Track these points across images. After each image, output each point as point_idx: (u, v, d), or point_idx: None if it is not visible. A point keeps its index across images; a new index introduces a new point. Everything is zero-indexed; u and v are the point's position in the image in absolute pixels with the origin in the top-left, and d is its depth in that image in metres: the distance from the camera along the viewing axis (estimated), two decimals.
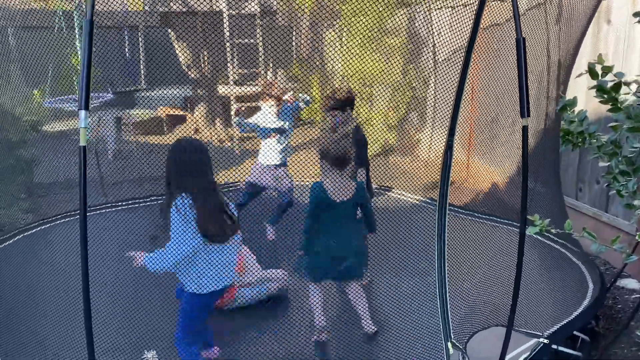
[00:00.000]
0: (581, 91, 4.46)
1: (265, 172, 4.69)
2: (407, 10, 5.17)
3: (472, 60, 3.43)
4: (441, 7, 4.18)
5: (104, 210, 5.49)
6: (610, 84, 2.60)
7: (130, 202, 5.73)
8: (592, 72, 2.59)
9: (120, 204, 5.74)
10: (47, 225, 5.14)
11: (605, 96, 2.67)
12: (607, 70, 2.55)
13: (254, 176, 4.73)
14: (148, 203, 5.83)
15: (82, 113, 1.87)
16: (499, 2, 3.51)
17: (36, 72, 4.81)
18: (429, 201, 4.93)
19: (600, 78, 2.56)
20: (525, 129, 2.28)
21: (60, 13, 5.62)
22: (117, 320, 3.56)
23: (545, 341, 3.11)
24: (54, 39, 5.12)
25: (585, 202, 5.14)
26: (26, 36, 4.64)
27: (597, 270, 4.23)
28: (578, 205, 5.18)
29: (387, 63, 5.46)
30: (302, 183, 4.88)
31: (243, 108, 4.34)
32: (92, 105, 1.85)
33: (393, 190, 5.81)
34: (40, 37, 4.67)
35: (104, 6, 3.06)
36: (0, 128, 4.75)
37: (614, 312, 4.18)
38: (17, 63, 4.70)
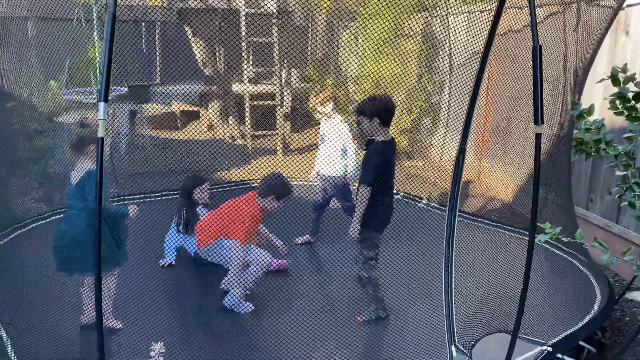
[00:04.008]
0: (596, 101, 4.43)
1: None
2: (425, 15, 5.17)
3: (488, 65, 3.44)
4: (458, 12, 4.18)
5: (115, 203, 5.53)
6: (631, 94, 2.59)
7: (142, 195, 5.78)
8: (614, 79, 2.58)
9: (132, 197, 5.78)
10: (61, 215, 5.19)
11: (621, 107, 2.67)
12: (630, 79, 2.54)
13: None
14: (160, 198, 5.89)
15: (102, 105, 1.90)
16: (516, 9, 3.51)
17: (54, 63, 4.86)
18: (438, 206, 4.93)
19: (622, 85, 2.56)
20: (538, 137, 2.28)
21: (80, 5, 5.68)
22: (128, 310, 3.61)
23: (550, 349, 3.10)
24: (73, 31, 5.18)
25: (596, 213, 5.11)
26: (45, 27, 4.69)
27: (605, 281, 4.21)
28: (588, 216, 5.15)
29: (402, 66, 5.47)
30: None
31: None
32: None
33: (400, 193, 5.81)
34: (59, 29, 4.72)
35: (124, 0, 3.10)
36: (18, 118, 4.81)
37: (621, 324, 4.15)
38: (36, 54, 4.76)
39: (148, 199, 5.76)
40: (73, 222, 3.32)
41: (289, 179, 4.10)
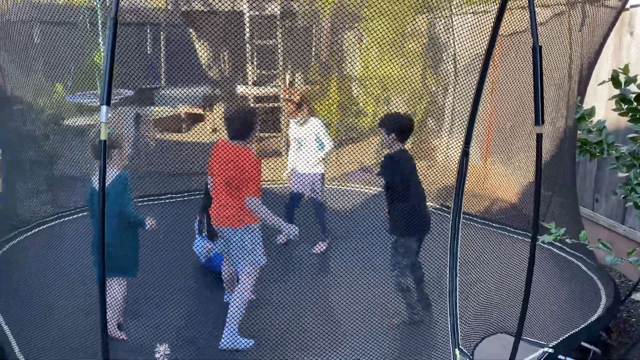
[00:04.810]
0: (601, 101, 4.42)
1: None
2: (429, 16, 5.17)
3: (494, 67, 3.43)
4: (463, 13, 4.18)
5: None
6: (633, 95, 2.58)
7: (146, 197, 5.80)
8: (615, 81, 2.57)
9: (136, 199, 5.80)
10: (67, 218, 5.23)
11: (625, 107, 2.66)
12: (631, 80, 2.53)
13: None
14: (164, 201, 5.91)
15: (104, 108, 1.92)
16: (521, 10, 3.50)
17: (59, 67, 4.90)
18: (444, 208, 4.92)
19: (623, 87, 2.55)
20: (539, 137, 2.28)
21: (85, 9, 5.71)
22: (132, 312, 3.63)
23: (551, 351, 3.10)
24: (78, 35, 5.21)
25: (601, 214, 5.09)
26: (51, 31, 4.73)
27: (611, 282, 4.19)
28: (594, 216, 5.13)
29: (406, 68, 5.46)
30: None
31: None
32: (112, 101, 1.90)
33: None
34: (64, 33, 4.75)
35: (128, 3, 3.12)
36: (24, 121, 4.84)
37: (627, 325, 4.13)
38: (41, 57, 4.79)
39: (152, 202, 5.79)
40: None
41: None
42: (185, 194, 6.04)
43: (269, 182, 6.38)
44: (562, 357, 3.13)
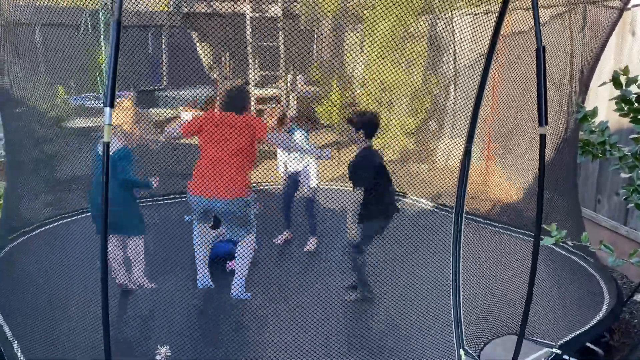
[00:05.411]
0: (602, 102, 4.42)
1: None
2: (430, 17, 5.17)
3: (495, 67, 3.43)
4: (463, 15, 4.18)
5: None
6: (634, 96, 2.59)
7: (148, 198, 5.80)
8: (616, 81, 2.57)
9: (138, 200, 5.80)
10: (69, 219, 5.24)
11: (626, 108, 2.66)
12: (632, 81, 2.53)
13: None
14: (165, 201, 5.92)
15: (107, 110, 1.92)
16: (522, 10, 3.50)
17: (61, 69, 4.91)
18: (446, 208, 4.92)
19: (624, 88, 2.55)
20: (542, 138, 2.28)
21: (87, 11, 5.71)
22: (134, 315, 3.62)
23: (558, 351, 3.09)
24: (80, 37, 5.21)
25: (603, 215, 5.08)
26: (52, 33, 4.73)
27: (614, 283, 4.19)
28: (596, 218, 5.13)
29: (407, 69, 5.46)
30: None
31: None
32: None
33: (408, 196, 5.82)
34: (66, 35, 4.76)
35: (129, 5, 3.12)
36: (26, 123, 4.85)
37: (630, 326, 4.12)
38: (43, 60, 4.79)
39: (153, 202, 5.78)
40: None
41: None
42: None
43: (265, 183, 6.39)
44: (567, 358, 3.12)
